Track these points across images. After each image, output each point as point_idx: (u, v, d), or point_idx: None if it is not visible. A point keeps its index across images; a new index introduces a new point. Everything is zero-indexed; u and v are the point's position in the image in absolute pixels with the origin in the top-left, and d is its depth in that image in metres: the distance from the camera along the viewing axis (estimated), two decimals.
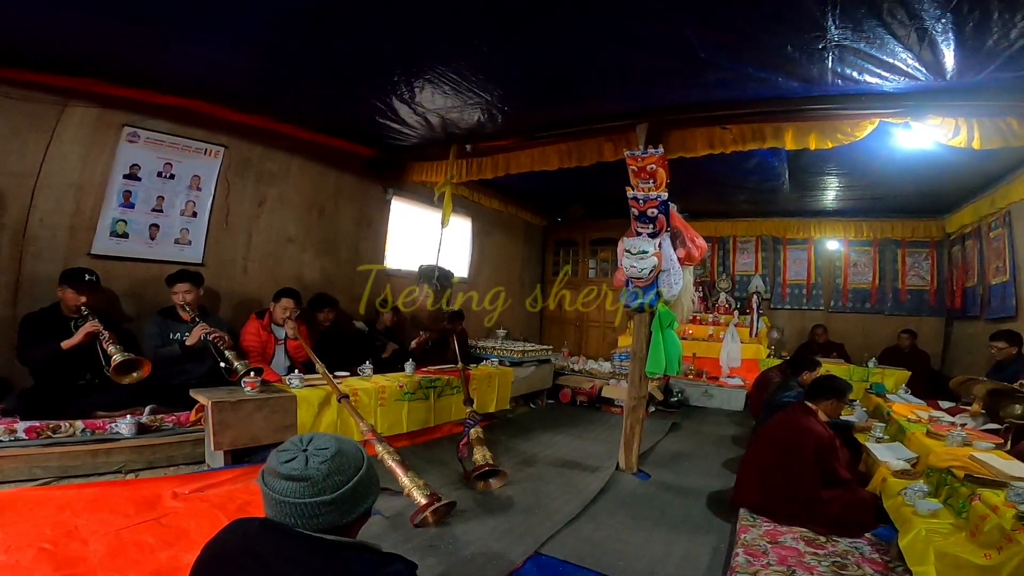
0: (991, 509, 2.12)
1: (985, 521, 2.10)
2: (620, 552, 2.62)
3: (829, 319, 7.61)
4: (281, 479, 1.10)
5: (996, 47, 2.52)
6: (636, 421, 3.94)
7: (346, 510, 1.13)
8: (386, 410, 3.82)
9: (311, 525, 1.10)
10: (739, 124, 3.79)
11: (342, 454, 1.17)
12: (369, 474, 1.20)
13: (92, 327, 3.26)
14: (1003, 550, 1.91)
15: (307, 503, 1.09)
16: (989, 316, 5.68)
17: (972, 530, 2.18)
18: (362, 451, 1.24)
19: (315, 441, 1.18)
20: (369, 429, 3.13)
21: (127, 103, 3.95)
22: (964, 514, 2.33)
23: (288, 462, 1.12)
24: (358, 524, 1.21)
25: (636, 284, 3.75)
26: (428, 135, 4.87)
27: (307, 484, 1.09)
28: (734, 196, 6.79)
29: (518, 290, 8.64)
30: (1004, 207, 5.12)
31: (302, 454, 1.14)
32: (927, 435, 3.35)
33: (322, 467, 1.11)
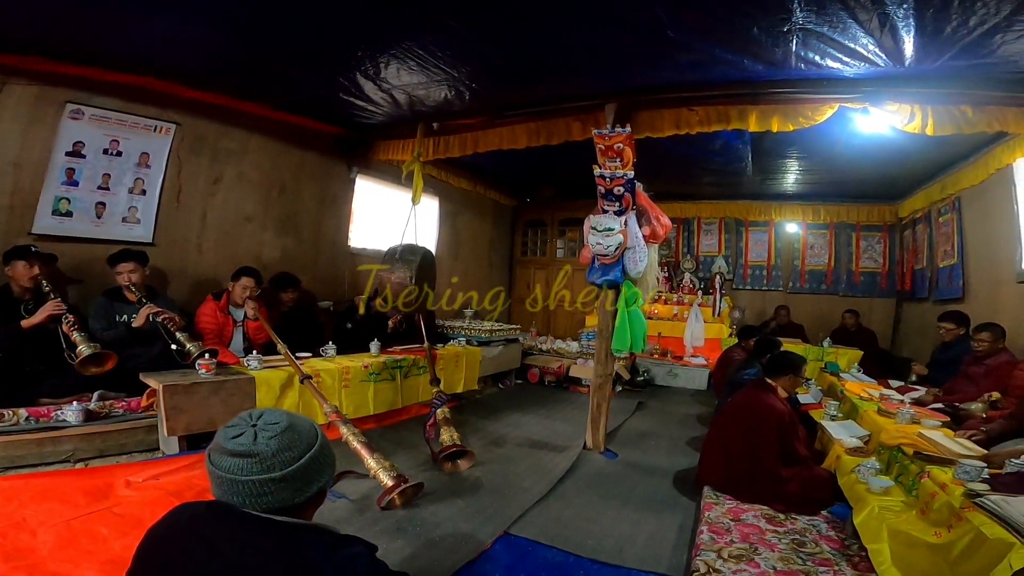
0: (940, 487, 2.16)
1: (934, 499, 2.14)
2: (588, 531, 2.65)
3: (788, 300, 7.85)
4: (228, 456, 1.05)
5: (955, 34, 2.58)
6: (603, 399, 3.99)
7: (298, 489, 1.08)
8: (351, 391, 3.75)
9: (260, 505, 1.04)
10: (705, 106, 3.83)
11: (293, 429, 1.11)
12: (323, 451, 1.15)
13: (56, 308, 3.10)
14: (953, 528, 1.93)
15: (255, 480, 1.03)
16: (937, 298, 5.98)
17: (922, 508, 2.22)
18: (316, 428, 1.18)
19: (265, 416, 1.12)
20: (333, 410, 3.08)
21: (71, 80, 3.81)
22: (914, 492, 2.37)
23: (235, 438, 1.06)
24: (312, 504, 1.16)
25: (602, 261, 3.78)
26: (395, 113, 4.76)
27: (255, 460, 1.04)
28: (699, 178, 6.89)
29: (487, 270, 8.61)
30: (954, 193, 5.35)
31: (251, 429, 1.08)
32: (878, 413, 3.44)
33: (271, 443, 1.06)
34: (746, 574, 2.10)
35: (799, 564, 2.21)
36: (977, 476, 2.11)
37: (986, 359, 3.87)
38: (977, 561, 1.69)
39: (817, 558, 2.27)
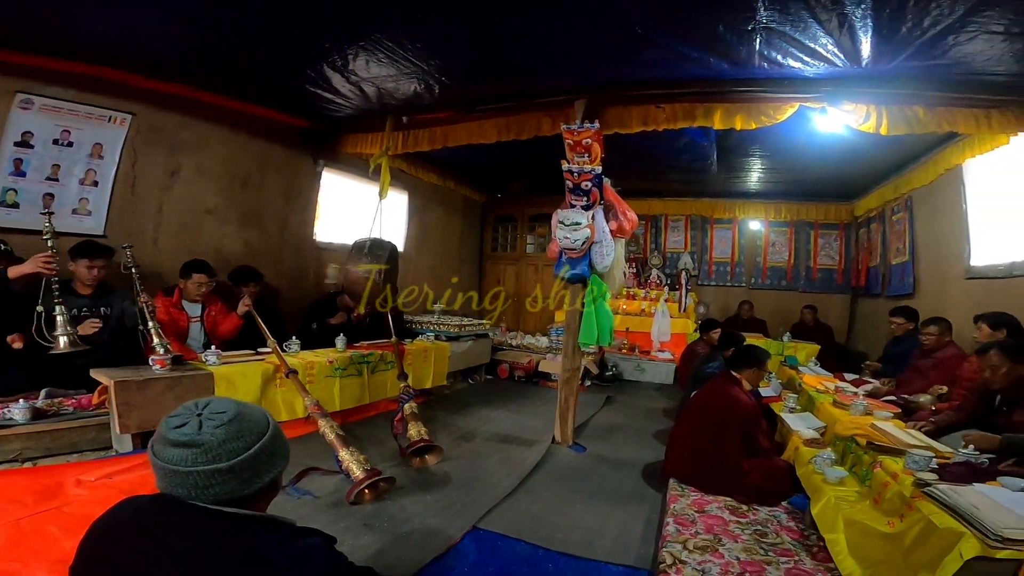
0: (891, 476, 2.22)
1: (886, 488, 2.19)
2: (557, 524, 2.66)
3: (751, 295, 8.09)
4: (171, 446, 1.00)
5: (910, 35, 2.67)
6: (570, 393, 4.02)
7: (247, 479, 1.04)
8: (315, 387, 3.66)
9: (207, 496, 1.00)
10: (672, 103, 3.90)
11: (242, 418, 1.07)
12: (275, 442, 1.11)
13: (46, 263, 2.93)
14: (904, 518, 1.96)
15: (200, 471, 0.99)
16: (889, 293, 6.24)
17: (876, 497, 2.26)
18: (268, 417, 1.14)
19: (212, 405, 1.08)
20: (314, 404, 3.08)
21: (22, 70, 3.65)
22: (868, 481, 2.43)
23: (179, 427, 1.02)
24: (265, 496, 1.12)
25: (569, 255, 3.80)
26: (363, 106, 4.69)
27: (200, 451, 0.99)
28: (667, 175, 7.01)
29: (456, 265, 8.56)
30: (906, 193, 5.59)
31: (195, 418, 1.04)
32: (833, 405, 3.55)
33: (217, 432, 1.02)
34: (711, 565, 2.14)
35: (761, 555, 2.26)
36: (926, 466, 2.18)
37: (934, 352, 4.03)
38: (929, 550, 1.73)
39: (778, 548, 2.32)
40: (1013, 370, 2.65)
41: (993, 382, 2.74)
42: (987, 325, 3.42)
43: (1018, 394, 2.63)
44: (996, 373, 2.70)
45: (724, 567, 2.12)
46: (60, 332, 2.93)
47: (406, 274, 7.02)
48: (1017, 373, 2.64)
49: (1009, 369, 2.66)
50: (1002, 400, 2.75)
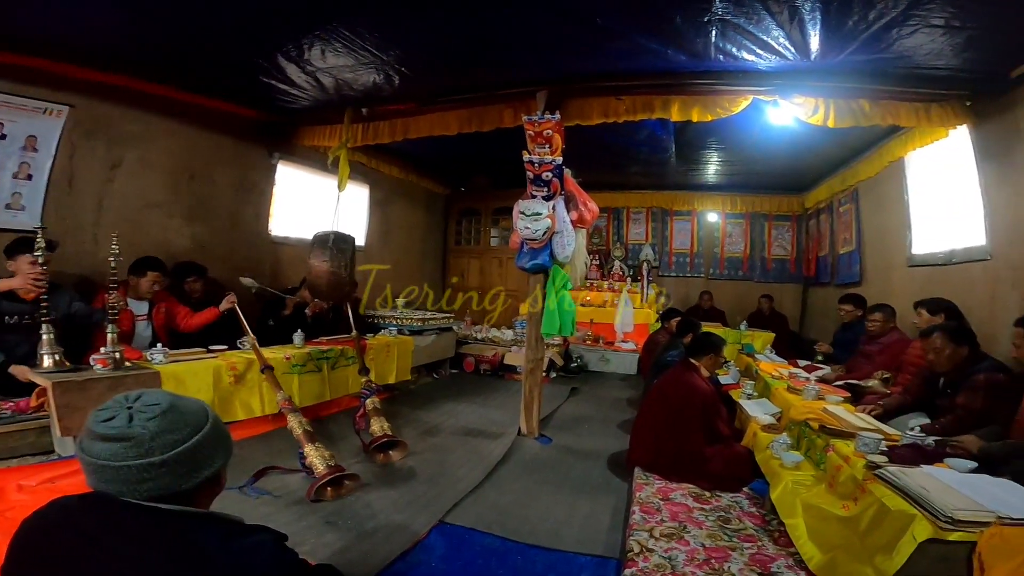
0: (843, 459, 2.29)
1: (840, 472, 2.25)
2: (525, 517, 2.66)
3: (709, 285, 8.31)
4: (99, 441, 0.94)
5: (856, 28, 2.76)
6: (535, 384, 4.03)
7: (183, 474, 0.98)
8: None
9: (140, 492, 0.94)
10: (632, 95, 3.95)
11: (176, 410, 1.01)
12: (214, 435, 1.06)
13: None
14: (859, 500, 1.99)
15: (131, 466, 0.93)
16: (838, 282, 6.51)
17: (830, 481, 2.31)
18: (207, 410, 1.09)
19: (144, 397, 1.02)
20: (285, 399, 3.04)
21: None
22: (822, 465, 2.49)
23: (107, 421, 0.96)
24: (205, 492, 1.07)
25: (530, 245, 3.82)
26: (320, 97, 4.57)
27: (130, 444, 0.94)
28: (628, 168, 7.09)
29: (419, 259, 8.45)
30: (852, 185, 5.84)
31: (125, 411, 0.98)
32: (788, 390, 3.66)
33: (149, 424, 0.96)
34: (677, 552, 2.16)
35: (726, 541, 2.29)
36: (876, 448, 2.24)
37: (880, 338, 4.23)
38: (883, 533, 1.75)
39: (742, 534, 2.37)
40: (956, 352, 2.76)
41: (937, 364, 2.86)
42: (926, 311, 3.59)
43: (961, 376, 2.74)
44: (940, 356, 2.81)
45: (690, 554, 2.15)
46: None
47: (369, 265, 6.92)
48: (959, 355, 2.76)
49: (952, 352, 2.77)
50: (946, 382, 2.88)
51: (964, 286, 3.83)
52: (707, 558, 2.12)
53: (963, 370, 2.74)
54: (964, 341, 2.78)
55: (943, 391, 2.89)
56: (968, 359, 2.75)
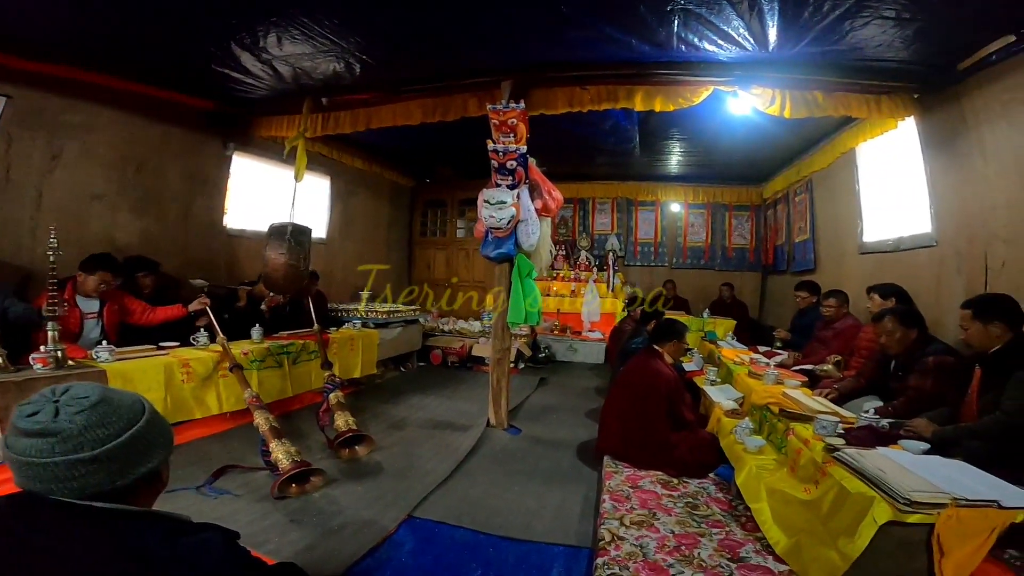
0: (803, 443, 2.34)
1: (800, 455, 2.30)
2: (496, 508, 2.65)
3: (673, 275, 8.46)
4: (23, 436, 0.89)
5: (811, 19, 2.82)
6: (502, 374, 4.01)
7: (117, 471, 0.93)
8: (230, 381, 3.44)
9: (71, 490, 0.89)
10: (596, 85, 3.95)
11: (108, 403, 0.95)
12: (151, 429, 1.00)
13: None
14: (819, 484, 2.02)
15: (59, 462, 0.87)
16: (794, 269, 6.73)
17: (792, 465, 2.35)
18: (143, 403, 1.03)
19: (72, 391, 0.96)
20: (253, 396, 2.99)
21: None
22: (784, 449, 2.55)
23: (32, 415, 0.90)
24: (144, 490, 1.01)
25: (495, 234, 3.79)
26: (278, 86, 4.42)
27: (56, 440, 0.88)
28: (593, 158, 7.14)
29: (384, 252, 8.31)
30: (807, 176, 6.03)
31: (51, 405, 0.92)
32: (749, 376, 3.74)
33: (77, 419, 0.90)
34: (648, 540, 2.18)
35: (695, 527, 2.33)
36: (833, 431, 2.31)
37: (834, 323, 4.38)
38: (845, 516, 1.78)
39: (710, 520, 2.41)
40: (906, 335, 2.87)
41: (889, 347, 2.97)
42: (878, 295, 3.74)
43: (911, 359, 2.85)
44: (891, 338, 2.92)
45: (660, 541, 2.17)
46: None
47: (331, 260, 6.79)
48: (909, 338, 2.87)
49: (902, 334, 2.88)
50: (897, 364, 2.99)
51: (912, 272, 4.00)
52: (677, 545, 2.14)
53: (913, 353, 2.85)
54: (914, 324, 2.89)
55: (895, 373, 3.00)
56: (918, 342, 2.86)
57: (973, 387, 2.38)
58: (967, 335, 2.44)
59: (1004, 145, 3.08)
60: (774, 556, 2.05)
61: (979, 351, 2.40)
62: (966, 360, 2.59)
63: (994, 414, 2.14)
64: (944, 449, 2.15)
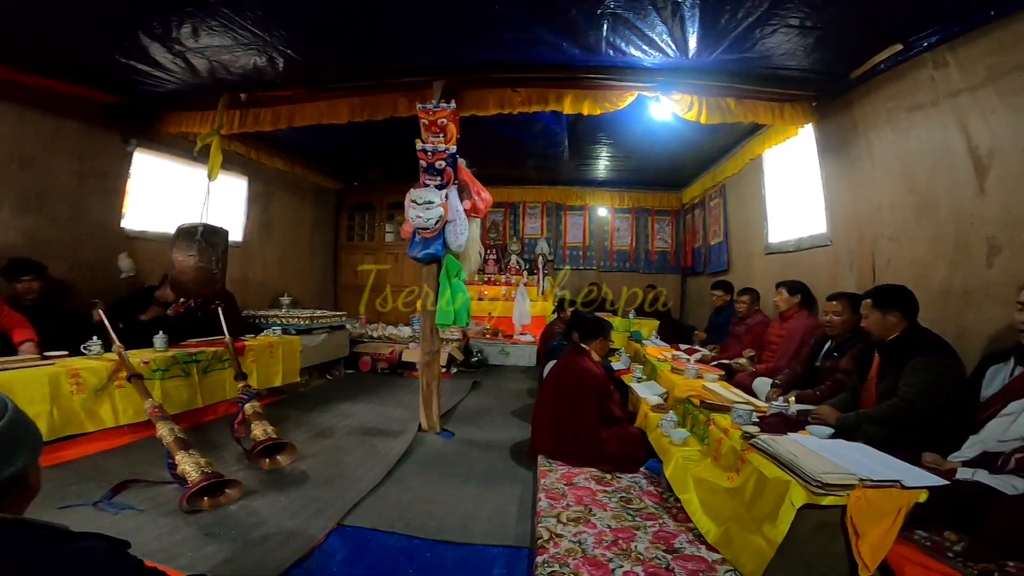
0: (723, 432, 2.44)
1: (721, 444, 2.38)
2: (431, 512, 2.58)
3: (600, 277, 8.74)
4: None
5: (727, 26, 3.00)
6: (432, 377, 3.93)
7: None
8: (127, 392, 3.16)
9: None
10: (528, 88, 4.01)
11: None
12: (15, 428, 0.92)
13: None
14: (740, 471, 2.07)
15: None
16: (710, 270, 7.15)
17: (715, 454, 2.42)
18: (6, 402, 0.94)
19: None
20: (155, 407, 2.80)
21: None
22: (706, 440, 2.64)
23: None
24: (11, 495, 0.91)
25: (423, 235, 3.73)
26: (191, 80, 4.13)
27: None
28: (524, 161, 7.23)
29: (307, 256, 7.93)
30: (721, 181, 6.43)
31: None
32: (672, 371, 3.88)
33: None
34: (585, 535, 2.19)
35: (630, 520, 2.36)
36: (748, 419, 2.42)
37: (746, 319, 4.70)
38: (766, 502, 1.83)
39: (643, 513, 2.45)
40: (851, 319, 3.05)
41: (832, 327, 3.17)
42: (786, 290, 4.06)
43: (849, 342, 3.04)
44: (838, 318, 3.10)
45: (598, 536, 2.18)
46: None
47: (247, 265, 6.39)
48: (853, 322, 3.03)
49: (848, 317, 3.08)
50: (834, 346, 3.20)
51: (811, 269, 4.35)
52: (615, 539, 2.16)
53: (853, 337, 3.02)
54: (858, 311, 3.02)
55: (828, 353, 3.21)
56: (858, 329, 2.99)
57: (872, 374, 2.54)
58: (867, 323, 2.58)
59: (888, 150, 3.41)
60: (707, 546, 2.09)
61: (878, 339, 2.53)
62: (870, 346, 2.71)
63: (892, 400, 2.28)
64: (847, 434, 2.26)
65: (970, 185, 2.75)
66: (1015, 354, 2.08)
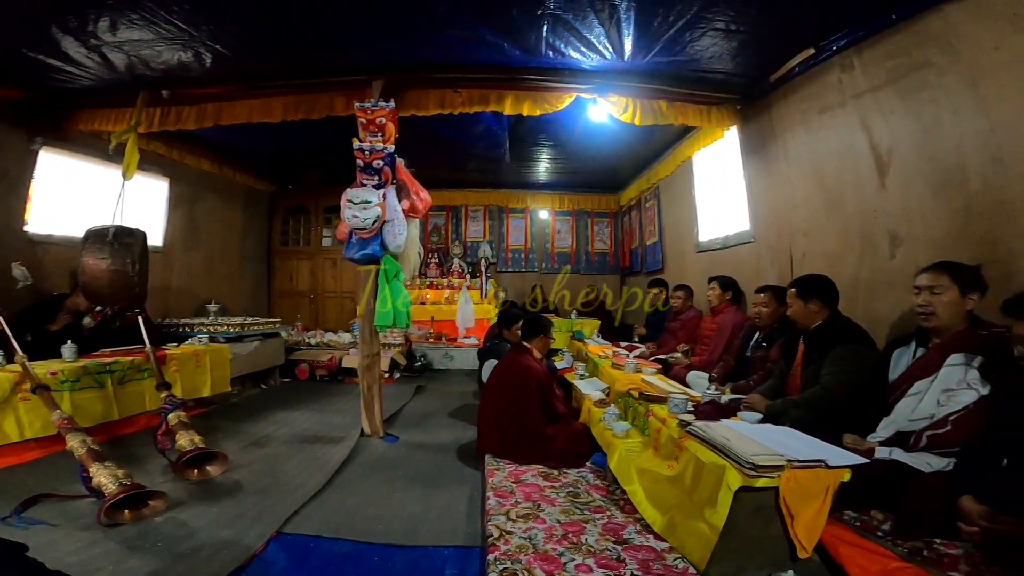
0: (661, 422, 2.50)
1: (660, 434, 2.45)
2: (377, 516, 2.51)
3: (542, 279, 8.85)
4: None
5: (660, 28, 3.12)
6: (373, 381, 3.84)
7: None
8: (33, 405, 2.92)
9: None
10: (469, 88, 4.02)
11: None
12: None
13: None
14: (679, 459, 2.12)
15: None
16: (646, 270, 7.41)
17: (655, 444, 2.50)
18: None
19: None
20: (62, 418, 2.65)
21: None
22: (647, 431, 2.70)
23: None
24: None
25: (359, 235, 3.65)
26: (107, 76, 3.88)
27: None
28: (465, 164, 7.21)
29: (238, 262, 7.53)
30: (656, 183, 6.68)
31: None
32: (612, 367, 3.96)
33: None
34: (536, 531, 2.19)
35: (579, 514, 2.37)
36: (684, 408, 2.51)
37: (680, 315, 4.91)
38: (705, 487, 1.87)
39: (591, 506, 2.47)
40: (777, 310, 3.22)
41: (760, 319, 3.33)
42: (718, 285, 4.28)
43: (777, 332, 3.21)
44: (766, 310, 3.26)
45: (548, 531, 2.19)
46: None
47: (169, 271, 6.01)
48: (779, 313, 3.20)
49: (774, 309, 3.25)
50: (762, 337, 3.37)
51: (737, 265, 4.60)
52: (565, 533, 2.17)
53: (781, 328, 3.18)
54: (785, 303, 3.13)
55: (758, 343, 3.37)
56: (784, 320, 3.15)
57: (798, 362, 2.68)
58: (791, 311, 2.73)
59: (802, 150, 3.67)
60: (655, 535, 2.13)
61: (803, 327, 2.68)
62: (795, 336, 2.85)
63: (815, 388, 2.43)
64: (775, 420, 2.38)
65: (873, 181, 2.99)
66: (916, 337, 2.21)
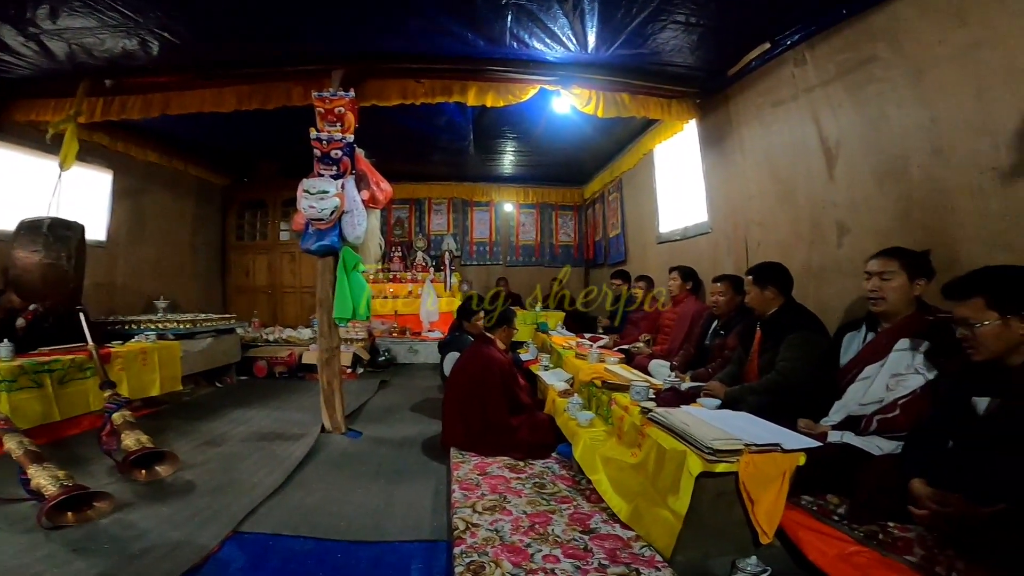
0: (624, 410, 2.53)
1: (623, 422, 2.48)
2: (339, 513, 2.45)
3: (507, 272, 8.86)
4: None
5: (623, 20, 3.13)
6: (333, 375, 3.75)
7: None
8: None
9: None
10: (432, 79, 3.97)
11: None
12: None
13: None
14: (642, 446, 2.14)
15: None
16: (610, 262, 7.51)
17: (618, 432, 2.55)
18: None
19: None
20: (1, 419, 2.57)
21: None
22: (610, 420, 2.73)
23: None
24: None
25: (316, 226, 3.56)
26: (45, 65, 3.72)
27: None
28: (429, 156, 7.12)
29: (189, 257, 7.23)
30: (618, 176, 6.77)
31: None
32: (576, 357, 4.01)
33: None
34: (502, 523, 2.19)
35: (545, 505, 2.38)
36: (645, 395, 2.55)
37: (642, 306, 4.98)
38: (667, 473, 1.90)
39: (557, 497, 2.48)
40: (734, 299, 3.30)
41: (718, 307, 3.39)
42: (679, 275, 4.36)
43: (734, 320, 3.28)
44: (723, 299, 3.32)
45: (515, 523, 2.18)
46: None
47: (113, 266, 5.72)
48: (737, 301, 3.27)
49: (731, 297, 3.31)
50: (720, 325, 3.44)
51: (696, 256, 4.70)
52: (531, 524, 2.17)
53: (738, 316, 3.25)
54: (742, 290, 3.22)
55: (716, 332, 3.44)
56: (742, 308, 3.24)
57: (755, 349, 2.75)
58: (748, 299, 2.79)
59: (757, 143, 3.78)
60: (621, 524, 2.13)
61: (759, 314, 2.75)
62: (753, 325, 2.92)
63: (771, 374, 2.50)
64: (733, 406, 2.43)
65: (822, 173, 3.11)
66: (867, 321, 2.25)
